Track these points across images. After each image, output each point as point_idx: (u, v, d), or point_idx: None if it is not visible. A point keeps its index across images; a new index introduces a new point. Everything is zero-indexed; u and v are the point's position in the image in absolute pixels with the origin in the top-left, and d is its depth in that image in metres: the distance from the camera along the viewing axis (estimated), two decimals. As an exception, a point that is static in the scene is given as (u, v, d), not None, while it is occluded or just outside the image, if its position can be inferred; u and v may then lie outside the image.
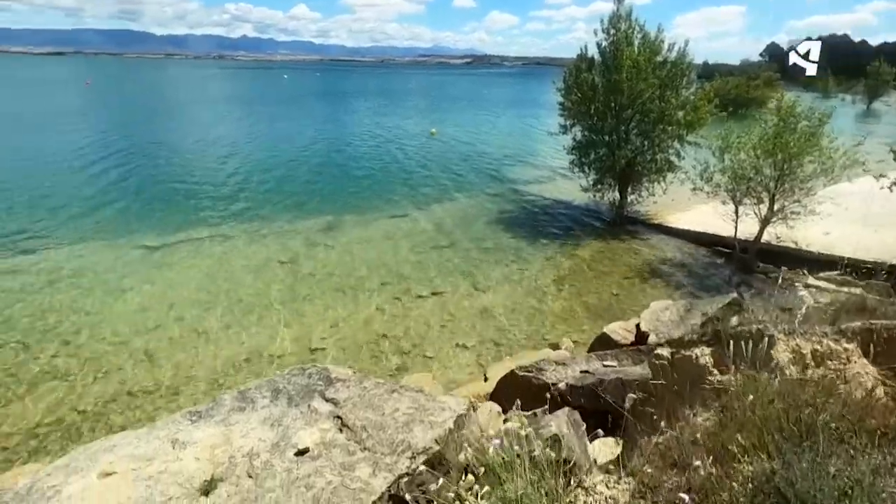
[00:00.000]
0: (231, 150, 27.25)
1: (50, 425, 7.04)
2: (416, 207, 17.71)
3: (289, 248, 13.59)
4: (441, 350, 9.06)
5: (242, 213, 16.52)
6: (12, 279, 11.31)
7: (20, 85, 77.58)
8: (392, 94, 78.94)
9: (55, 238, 13.80)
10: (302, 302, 10.65)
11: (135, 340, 9.09)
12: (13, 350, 8.67)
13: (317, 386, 5.62)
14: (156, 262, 12.49)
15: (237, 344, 9.09)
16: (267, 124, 38.87)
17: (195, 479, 4.21)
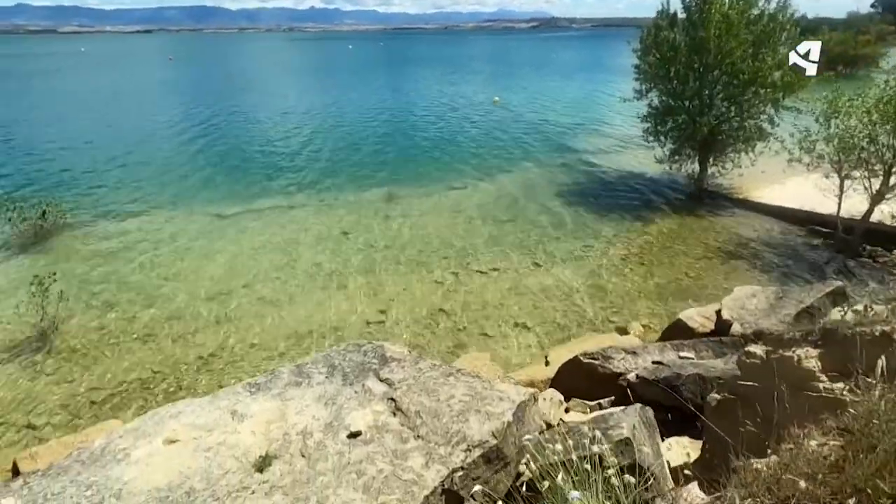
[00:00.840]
0: (300, 121, 27.92)
1: (130, 383, 7.53)
2: (478, 178, 17.22)
3: (351, 218, 13.68)
4: (500, 329, 8.74)
5: (309, 183, 16.85)
6: (97, 243, 12.22)
7: (115, 63, 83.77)
8: (455, 61, 77.32)
9: (141, 203, 14.78)
10: (362, 273, 10.67)
11: (207, 305, 9.52)
12: (99, 309, 9.37)
13: (371, 364, 5.49)
14: (228, 230, 13.02)
15: (299, 314, 9.27)
16: (333, 94, 39.37)
17: (251, 453, 4.22)
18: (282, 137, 23.81)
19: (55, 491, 3.98)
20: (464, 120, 27.80)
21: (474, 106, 32.35)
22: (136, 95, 41.58)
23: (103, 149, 21.62)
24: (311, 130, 25.40)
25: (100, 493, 3.88)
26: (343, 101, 35.52)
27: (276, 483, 3.82)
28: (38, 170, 18.82)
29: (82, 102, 37.95)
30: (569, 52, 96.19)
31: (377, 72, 62.53)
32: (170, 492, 3.84)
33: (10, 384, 7.48)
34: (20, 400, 7.18)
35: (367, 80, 51.92)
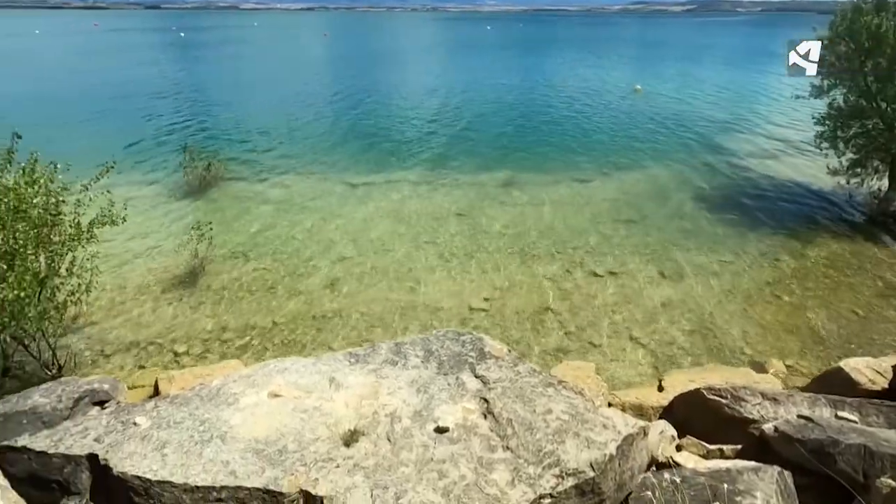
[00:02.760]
0: (431, 99, 28.60)
1: (253, 328, 8.28)
2: (604, 172, 16.04)
3: (467, 200, 13.60)
4: (611, 340, 8.02)
5: (432, 160, 17.14)
6: (244, 198, 13.67)
7: (278, 36, 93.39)
8: (596, 45, 73.00)
9: (284, 166, 16.29)
10: (471, 258, 10.54)
11: (326, 268, 10.13)
12: (237, 257, 10.46)
13: (468, 357, 5.29)
14: (353, 198, 13.74)
15: (405, 289, 9.43)
16: (464, 74, 39.60)
17: (341, 425, 4.27)
18: (413, 114, 24.58)
19: (177, 419, 4.41)
20: (599, 108, 26.11)
21: (612, 93, 30.22)
22: (292, 68, 45.90)
23: (259, 114, 24.30)
24: (442, 109, 25.83)
25: (209, 432, 4.22)
26: (474, 82, 35.50)
27: (360, 462, 3.81)
28: (209, 126, 21.74)
29: (247, 72, 42.86)
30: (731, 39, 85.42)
31: (513, 53, 61.47)
32: (266, 445, 4.03)
33: (163, 311, 8.68)
34: (168, 326, 8.29)
35: (502, 61, 51.28)
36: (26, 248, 6.04)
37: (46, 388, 5.23)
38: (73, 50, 63.91)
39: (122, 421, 4.44)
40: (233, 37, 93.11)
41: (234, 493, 3.62)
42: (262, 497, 3.58)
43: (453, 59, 54.06)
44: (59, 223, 6.65)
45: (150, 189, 14.19)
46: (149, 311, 8.63)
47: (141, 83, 34.67)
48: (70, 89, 32.84)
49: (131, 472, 3.82)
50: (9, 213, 6.00)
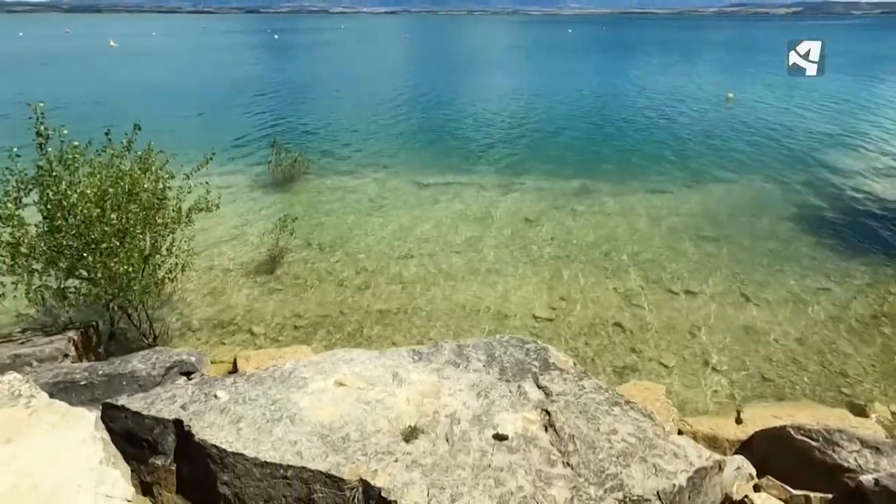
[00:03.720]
0: (507, 101, 28.52)
1: (324, 317, 8.67)
2: (688, 184, 15.14)
3: (537, 206, 13.39)
4: (684, 363, 7.54)
5: (505, 164, 17.07)
6: (324, 192, 14.36)
7: (363, 39, 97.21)
8: (686, 49, 69.16)
9: (362, 164, 16.96)
10: (539, 265, 10.36)
11: (395, 264, 10.39)
12: (314, 249, 11.01)
13: (532, 366, 5.19)
14: (424, 198, 13.99)
15: (470, 291, 9.45)
16: (543, 77, 39.06)
17: (402, 420, 4.35)
18: (489, 116, 24.63)
19: (251, 397, 4.70)
20: (684, 115, 24.71)
21: (701, 101, 28.46)
22: (373, 69, 47.60)
23: (341, 112, 25.47)
24: (519, 112, 25.67)
25: (279, 412, 4.46)
26: (553, 86, 34.90)
27: (418, 459, 3.86)
28: (295, 123, 23.10)
29: (332, 72, 44.99)
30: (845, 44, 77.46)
31: (594, 57, 59.73)
32: (330, 431, 4.19)
33: (245, 294, 9.32)
34: (248, 308, 8.89)
35: (582, 65, 50.01)
36: (136, 228, 6.73)
37: (143, 356, 5.79)
38: (182, 50, 70.55)
39: (205, 392, 4.81)
40: (321, 39, 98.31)
41: (298, 473, 3.80)
42: (325, 481, 3.73)
43: (532, 62, 53.48)
44: (163, 207, 7.34)
45: (239, 180, 15.29)
46: (232, 293, 9.31)
47: (237, 81, 37.56)
48: (179, 86, 36.30)
49: (210, 441, 4.13)
50: (124, 196, 6.71)
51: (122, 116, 16.75)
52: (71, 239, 6.52)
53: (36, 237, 6.64)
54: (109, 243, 6.47)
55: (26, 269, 6.68)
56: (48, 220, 6.59)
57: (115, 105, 26.86)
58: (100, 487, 2.99)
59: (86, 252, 6.48)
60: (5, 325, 8.16)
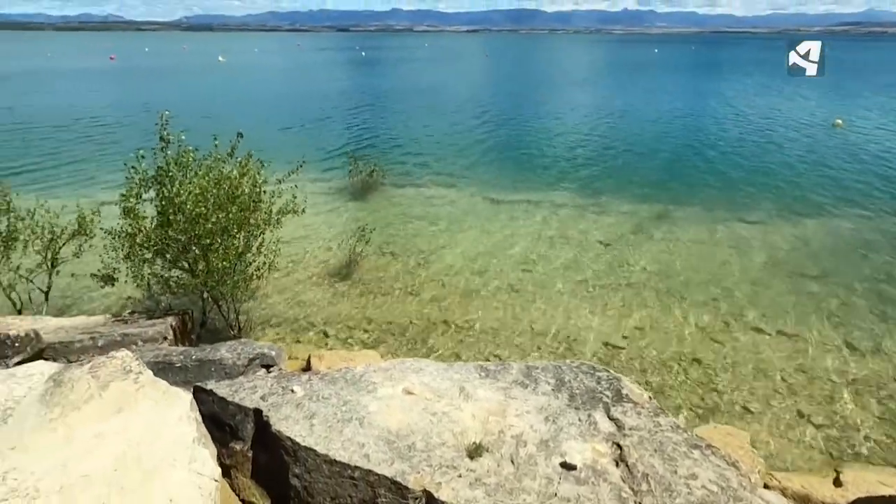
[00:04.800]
0: (587, 120, 28.04)
1: (392, 324, 8.89)
2: (782, 216, 13.96)
3: (613, 230, 12.94)
4: (772, 410, 6.89)
5: (581, 184, 16.73)
6: (399, 203, 14.82)
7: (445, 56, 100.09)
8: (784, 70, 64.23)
9: (437, 177, 17.38)
10: (611, 290, 9.98)
11: (464, 278, 10.46)
12: (387, 257, 11.36)
13: (603, 395, 5.00)
14: (498, 214, 14.02)
15: (539, 311, 9.28)
16: (625, 97, 37.96)
17: (467, 435, 4.34)
18: (567, 135, 24.34)
19: (324, 395, 4.91)
20: (783, 141, 22.89)
21: (802, 127, 26.24)
22: (453, 85, 48.71)
23: (420, 126, 26.29)
24: (598, 132, 25.14)
25: (350, 413, 4.61)
26: (636, 105, 33.83)
27: (481, 477, 3.82)
28: (375, 135, 24.15)
29: (414, 87, 46.58)
30: (981, 67, 68.32)
31: (682, 78, 57.17)
32: (397, 439, 4.27)
33: (321, 296, 9.80)
34: (323, 309, 9.32)
35: (668, 86, 48.01)
36: (234, 227, 7.33)
37: (230, 346, 6.25)
38: (280, 65, 76.46)
39: (283, 386, 5.09)
40: (405, 56, 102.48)
41: (365, 476, 3.90)
42: (389, 486, 3.80)
43: (616, 81, 52.19)
44: (257, 209, 7.93)
45: (321, 187, 16.18)
46: (309, 294, 9.82)
47: (325, 94, 40.03)
48: (275, 97, 39.35)
49: (285, 433, 4.35)
50: (226, 197, 7.34)
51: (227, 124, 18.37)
52: (178, 233, 7.22)
53: (150, 230, 7.43)
54: (211, 240, 7.09)
55: (139, 258, 7.48)
56: (161, 216, 7.35)
57: (221, 114, 29.59)
58: (192, 464, 3.25)
59: (190, 246, 7.15)
60: (116, 305, 9.17)
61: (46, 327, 7.00)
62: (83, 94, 40.82)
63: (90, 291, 9.33)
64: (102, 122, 27.56)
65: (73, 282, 8.95)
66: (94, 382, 3.87)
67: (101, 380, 3.90)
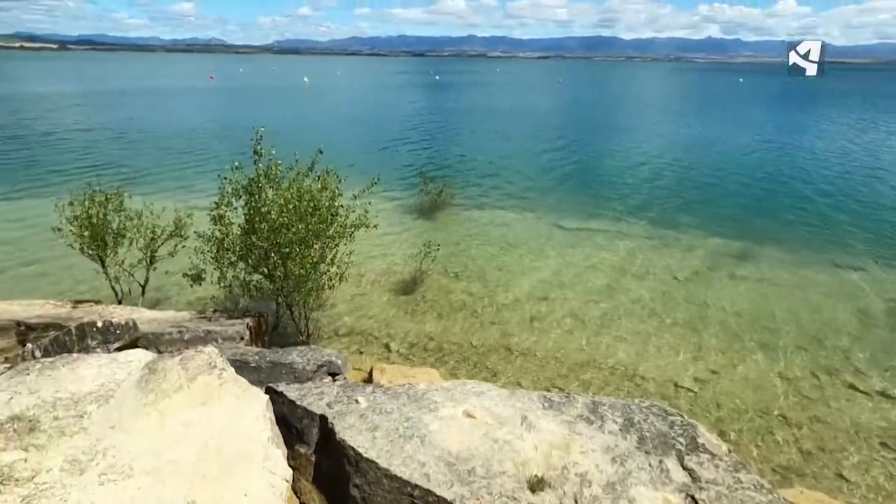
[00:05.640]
0: (663, 151, 27.08)
1: (454, 344, 8.90)
2: (884, 261, 12.61)
3: (689, 264, 12.26)
4: (870, 478, 6.13)
5: (653, 216, 16.07)
6: (465, 223, 14.93)
7: (517, 82, 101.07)
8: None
9: (504, 201, 17.40)
10: (685, 328, 9.42)
11: (527, 304, 10.31)
12: (450, 276, 11.43)
13: (676, 442, 4.69)
14: (563, 241, 13.78)
15: (604, 344, 8.94)
16: (705, 128, 36.30)
17: (528, 467, 4.22)
18: (640, 165, 23.58)
19: (387, 409, 4.97)
20: (884, 181, 20.82)
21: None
22: (524, 110, 48.94)
23: (490, 149, 26.56)
24: (675, 163, 24.14)
25: (412, 430, 4.63)
26: (716, 137, 32.20)
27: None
28: (446, 155, 24.68)
29: (485, 111, 47.27)
30: None
31: (769, 110, 53.84)
32: (456, 461, 4.23)
33: (385, 310, 10.02)
34: (386, 323, 9.52)
35: (753, 117, 45.37)
36: (311, 238, 7.73)
37: (301, 351, 6.52)
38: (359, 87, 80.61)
39: (348, 395, 5.22)
40: (478, 80, 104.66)
41: (424, 496, 3.88)
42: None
43: (695, 111, 50.10)
44: (334, 222, 8.31)
45: (392, 204, 16.69)
46: (375, 307, 10.07)
47: (400, 115, 41.60)
48: (354, 117, 41.45)
49: (349, 443, 4.44)
50: (306, 209, 7.76)
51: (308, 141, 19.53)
52: (261, 240, 7.72)
53: (236, 236, 8.00)
54: (290, 248, 7.51)
55: (225, 261, 8.05)
56: (248, 223, 7.89)
57: (303, 131, 31.57)
58: (265, 462, 3.40)
59: (271, 253, 7.61)
60: (200, 302, 9.88)
61: (142, 318, 7.67)
62: (187, 110, 45.24)
63: (179, 288, 10.13)
64: (202, 135, 30.32)
65: (166, 278, 9.77)
66: (183, 374, 4.18)
67: (190, 372, 4.21)
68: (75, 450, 3.35)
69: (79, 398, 4.07)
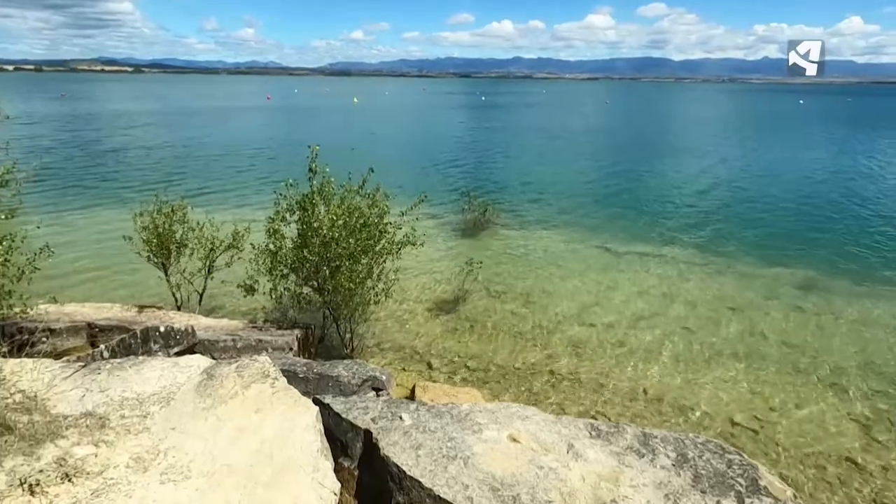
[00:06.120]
0: (714, 175, 26.10)
1: (497, 365, 8.80)
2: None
3: (746, 295, 11.65)
4: (958, 542, 5.53)
5: (707, 241, 15.42)
6: (508, 243, 14.87)
7: (562, 103, 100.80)
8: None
9: (549, 222, 17.23)
10: (742, 362, 8.91)
11: (571, 328, 10.09)
12: (493, 297, 11.38)
13: (735, 483, 4.42)
14: (610, 265, 13.45)
15: (653, 374, 8.58)
16: (760, 152, 34.74)
17: (575, 498, 4.08)
18: (690, 188, 22.80)
19: (431, 428, 4.96)
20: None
21: None
22: (568, 130, 48.57)
23: (534, 170, 26.44)
24: (728, 187, 23.20)
25: (454, 451, 4.59)
26: (770, 159, 30.83)
27: (592, 548, 3.54)
28: (491, 174, 24.80)
29: (529, 131, 47.28)
30: None
31: (832, 130, 51.03)
32: (501, 486, 4.15)
33: (428, 327, 10.07)
34: (429, 341, 9.55)
35: (814, 138, 43.15)
36: (360, 253, 7.92)
37: (346, 365, 6.64)
38: (407, 107, 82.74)
39: (392, 412, 5.24)
40: (523, 101, 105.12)
41: (468, 519, 3.82)
42: (492, 536, 3.67)
43: (750, 135, 48.10)
44: (382, 238, 8.49)
45: (436, 221, 16.88)
46: (418, 324, 10.14)
47: (447, 135, 42.25)
48: (401, 135, 42.48)
49: (392, 459, 4.45)
50: (356, 225, 7.98)
51: (357, 158, 20.13)
52: (313, 254, 7.97)
53: (289, 249, 8.31)
54: (340, 262, 7.72)
55: (277, 274, 8.36)
56: (301, 237, 8.19)
57: (352, 148, 32.61)
58: (315, 474, 3.46)
59: (321, 266, 7.84)
60: (251, 312, 10.26)
61: (199, 324, 8.06)
62: (246, 128, 47.89)
63: (232, 297, 10.59)
64: (259, 151, 31.97)
65: (221, 287, 10.25)
66: (239, 381, 4.34)
67: (245, 379, 4.36)
68: (140, 448, 3.53)
69: (143, 398, 4.31)
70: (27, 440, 3.47)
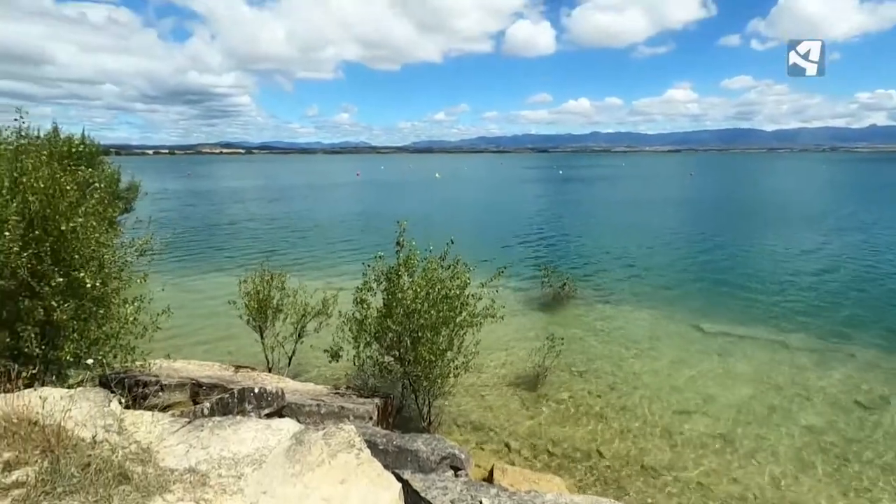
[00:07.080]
0: (817, 251, 23.67)
1: (577, 449, 8.19)
2: None
3: (867, 388, 10.10)
4: None
5: (816, 325, 13.73)
6: (589, 319, 14.27)
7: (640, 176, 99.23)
8: None
9: (633, 296, 16.43)
10: (865, 466, 7.58)
11: (661, 414, 9.26)
12: (573, 375, 10.82)
13: None
14: (703, 346, 12.41)
15: (757, 472, 7.53)
16: (872, 225, 31.24)
17: None
18: (796, 265, 20.79)
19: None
20: None
21: None
22: (650, 204, 47.28)
23: (615, 243, 25.73)
24: (835, 263, 20.90)
25: (540, 546, 4.26)
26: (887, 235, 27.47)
27: None
28: (571, 248, 24.48)
29: (610, 205, 46.66)
30: None
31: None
32: None
33: (506, 405, 9.72)
34: (508, 420, 9.17)
35: (947, 212, 38.14)
36: (440, 325, 8.03)
37: (426, 439, 6.54)
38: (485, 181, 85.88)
39: (472, 494, 5.03)
40: (602, 174, 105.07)
41: None
42: None
43: (860, 205, 43.73)
44: (462, 310, 8.56)
45: (515, 295, 16.72)
46: (496, 402, 9.83)
47: (523, 208, 42.86)
48: (480, 208, 43.74)
49: (472, 548, 4.21)
50: (438, 297, 8.17)
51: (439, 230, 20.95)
52: (396, 324, 8.21)
53: (374, 319, 8.62)
54: (421, 333, 7.86)
55: (361, 342, 8.65)
56: (385, 307, 8.50)
57: (434, 221, 34.09)
58: (397, 554, 3.37)
59: (403, 336, 8.02)
60: (333, 378, 10.58)
61: (287, 387, 8.44)
62: (338, 203, 52.12)
63: (318, 362, 11.02)
64: (349, 224, 34.46)
65: (308, 351, 10.75)
66: (326, 449, 4.44)
67: (332, 448, 4.46)
68: (234, 509, 3.67)
69: (238, 459, 4.52)
70: (140, 491, 3.75)
